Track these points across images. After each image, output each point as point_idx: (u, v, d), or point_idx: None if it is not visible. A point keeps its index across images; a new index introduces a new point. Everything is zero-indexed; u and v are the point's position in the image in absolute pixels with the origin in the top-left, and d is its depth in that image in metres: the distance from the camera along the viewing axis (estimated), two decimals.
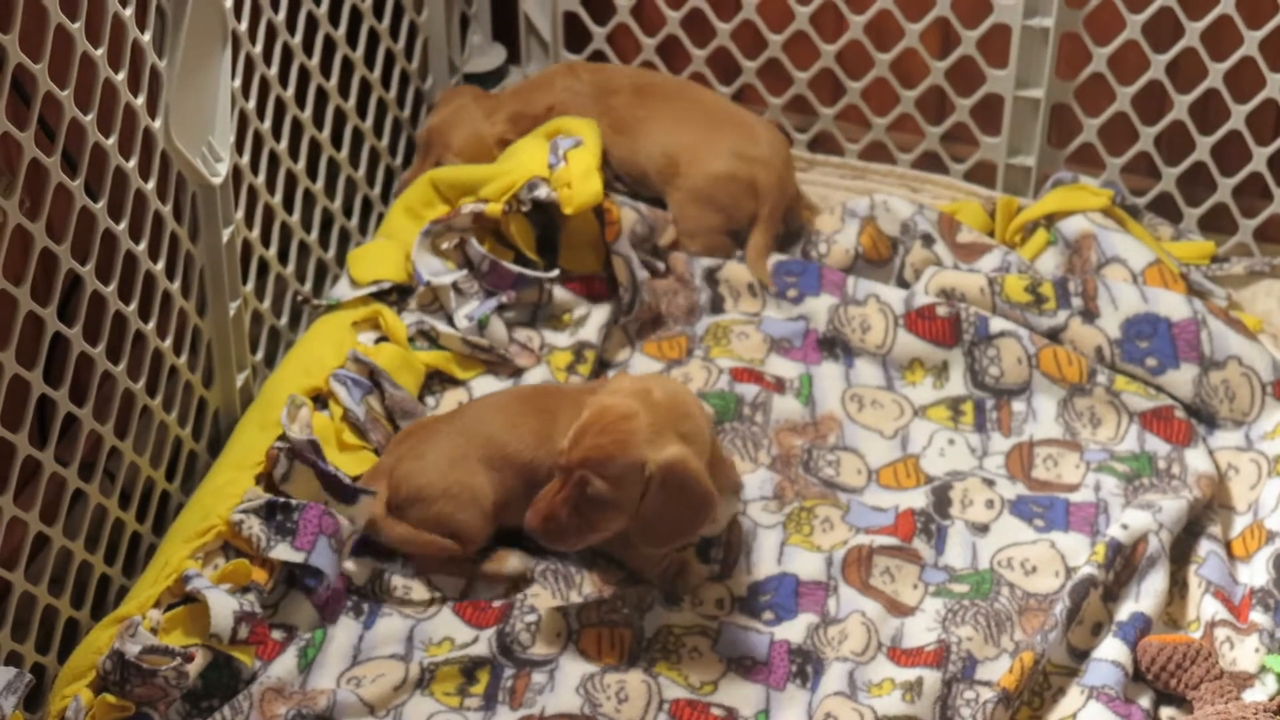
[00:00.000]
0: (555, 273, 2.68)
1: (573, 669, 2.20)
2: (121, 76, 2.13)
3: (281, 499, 2.27)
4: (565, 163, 2.67)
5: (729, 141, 2.83)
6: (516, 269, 2.65)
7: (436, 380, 2.59)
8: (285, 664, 2.18)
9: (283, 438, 2.33)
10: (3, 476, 2.02)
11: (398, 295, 2.65)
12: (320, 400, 2.44)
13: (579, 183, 2.63)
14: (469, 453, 2.32)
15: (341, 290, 2.64)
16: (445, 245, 2.66)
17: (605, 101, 2.89)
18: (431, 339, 2.60)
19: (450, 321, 2.61)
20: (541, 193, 2.65)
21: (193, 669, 2.08)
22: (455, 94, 2.96)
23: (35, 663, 2.13)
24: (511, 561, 2.32)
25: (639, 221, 2.75)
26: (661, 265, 2.77)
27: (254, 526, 2.23)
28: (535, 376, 2.59)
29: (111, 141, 2.13)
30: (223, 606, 2.12)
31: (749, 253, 2.77)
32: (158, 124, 2.23)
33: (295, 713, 2.11)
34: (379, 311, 2.59)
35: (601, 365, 2.66)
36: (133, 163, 2.19)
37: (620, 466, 2.13)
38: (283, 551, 2.23)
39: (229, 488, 2.29)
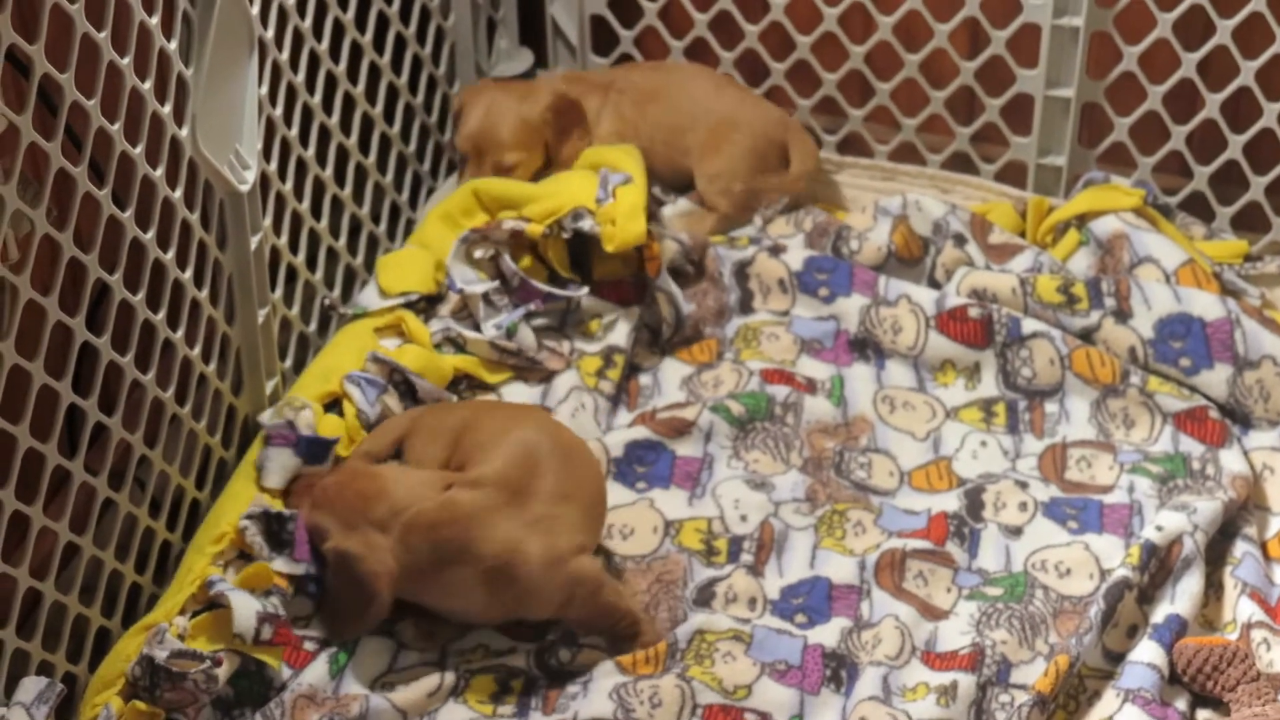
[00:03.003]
0: (585, 290, 2.66)
1: (606, 676, 2.19)
2: (148, 85, 2.13)
3: (275, 510, 2.27)
4: (613, 199, 2.65)
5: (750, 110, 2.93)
6: (547, 289, 2.64)
7: (465, 384, 2.58)
8: (317, 671, 2.17)
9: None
10: (33, 486, 2.02)
11: (425, 304, 2.65)
12: (335, 406, 2.43)
13: (624, 221, 2.61)
14: None
15: (369, 299, 2.63)
16: (479, 255, 2.66)
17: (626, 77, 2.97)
18: (458, 345, 2.59)
19: (477, 329, 2.60)
20: (585, 224, 2.63)
21: (221, 674, 2.07)
22: (478, 92, 2.93)
23: (67, 672, 2.12)
24: None
25: (680, 252, 2.74)
26: (691, 266, 2.76)
27: (256, 535, 2.23)
28: (565, 382, 2.58)
29: (139, 150, 2.13)
30: (245, 607, 2.12)
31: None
32: (185, 132, 2.22)
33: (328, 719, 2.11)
34: (403, 318, 2.58)
35: (631, 369, 2.65)
36: (160, 171, 2.18)
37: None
38: (282, 564, 2.23)
39: (241, 495, 2.30)
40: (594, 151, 2.82)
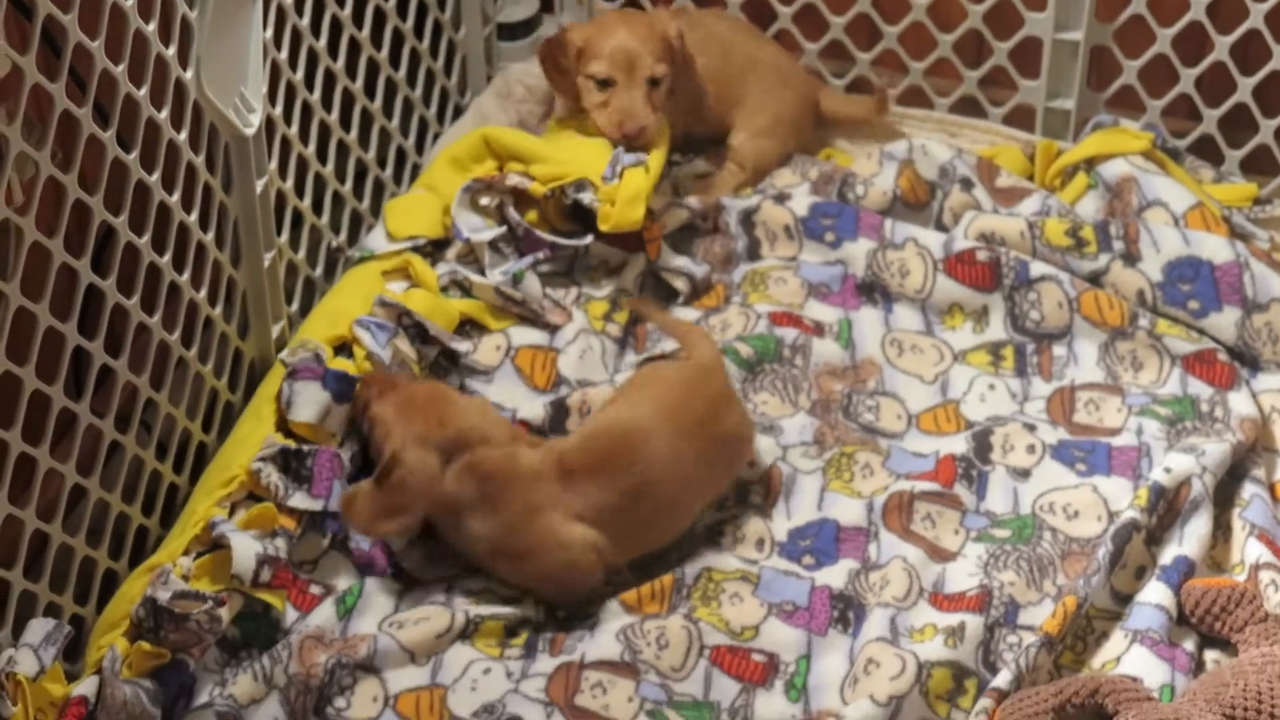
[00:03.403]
0: (589, 238, 2.64)
1: (613, 619, 2.19)
2: (152, 27, 2.12)
3: (294, 447, 2.26)
4: (619, 180, 2.62)
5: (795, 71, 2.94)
6: (551, 238, 2.62)
7: (471, 327, 2.57)
8: (324, 613, 2.18)
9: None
10: (39, 429, 2.02)
11: (432, 248, 2.64)
12: (345, 350, 2.43)
13: (623, 205, 2.57)
14: None
15: (376, 242, 2.62)
16: (485, 202, 2.65)
17: None
18: (464, 289, 2.58)
19: (483, 273, 2.60)
20: (585, 197, 2.60)
21: (225, 615, 2.08)
22: (602, 21, 2.76)
23: (74, 614, 2.13)
24: None
25: (690, 216, 2.74)
26: (697, 206, 2.75)
27: (272, 475, 2.23)
28: (573, 325, 2.57)
29: (143, 92, 2.12)
30: (245, 549, 2.12)
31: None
32: (189, 75, 2.21)
33: (335, 661, 2.11)
34: (410, 261, 2.58)
35: (637, 318, 2.64)
36: (165, 114, 2.17)
37: None
38: (301, 500, 2.23)
39: (250, 437, 2.29)
40: None
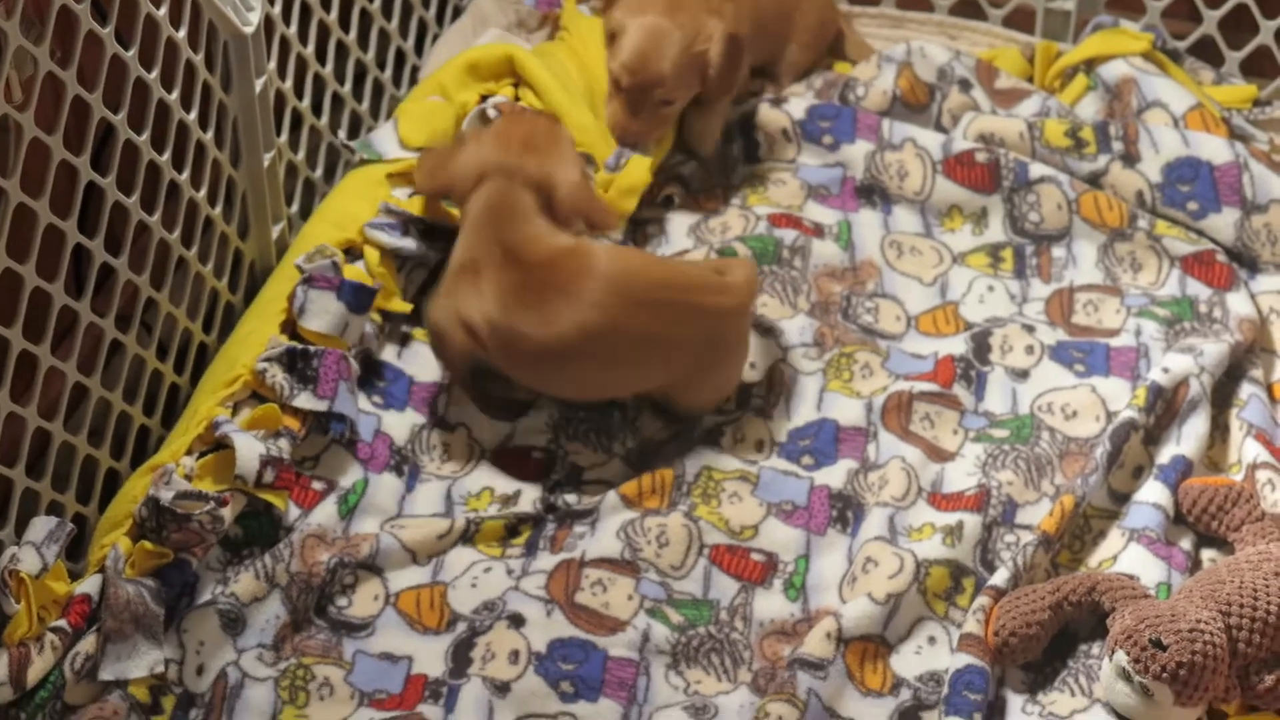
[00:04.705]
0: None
1: (614, 514, 2.20)
2: None
3: (300, 346, 2.26)
4: (619, 170, 2.58)
5: None
6: None
7: None
8: (326, 510, 2.18)
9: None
10: (40, 327, 2.02)
11: None
12: (352, 254, 2.42)
13: (616, 195, 2.55)
14: None
15: (386, 146, 2.59)
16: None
17: None
18: None
19: None
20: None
21: (228, 514, 2.09)
22: (635, 11, 2.61)
23: (76, 513, 2.13)
24: None
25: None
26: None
27: (277, 375, 2.23)
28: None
29: None
30: (249, 449, 2.13)
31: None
32: None
33: (338, 560, 2.12)
34: (414, 167, 2.56)
35: (635, 224, 2.63)
36: (163, 11, 2.17)
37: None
38: (306, 400, 2.23)
39: (254, 337, 2.29)
40: None
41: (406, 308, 2.42)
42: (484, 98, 2.64)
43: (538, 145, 2.30)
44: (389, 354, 2.40)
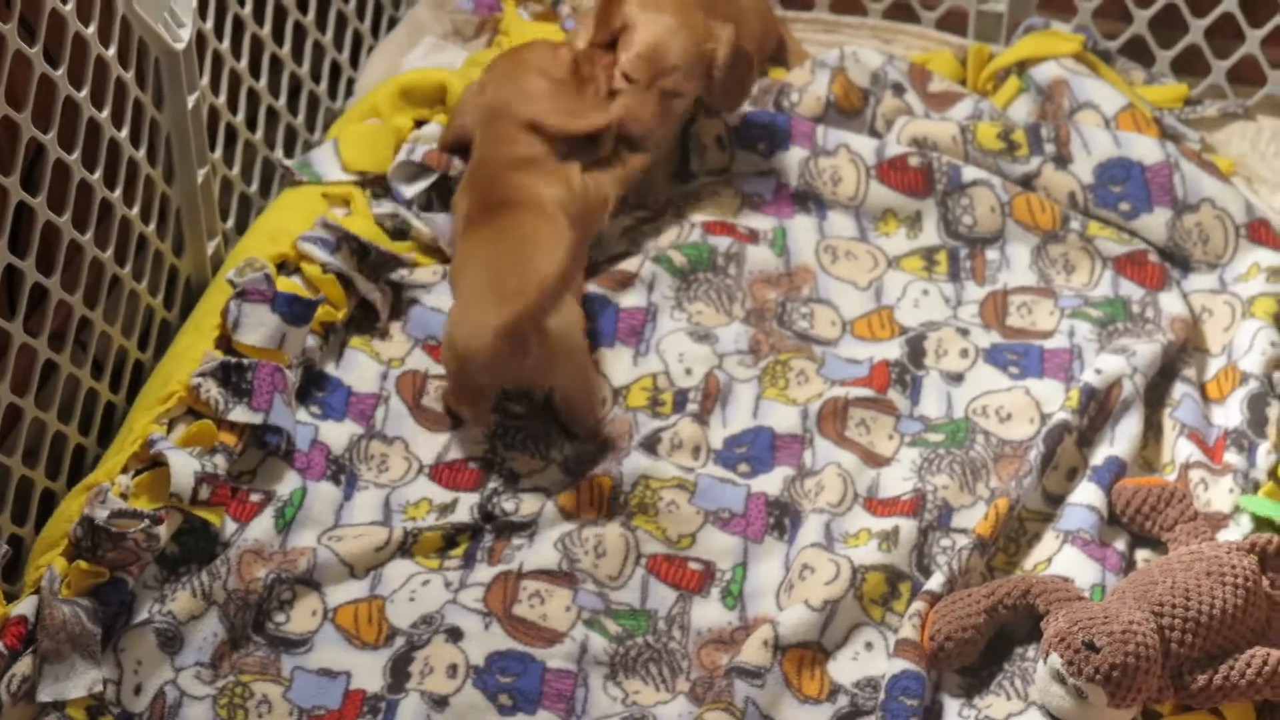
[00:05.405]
0: None
1: (551, 525, 2.21)
2: None
3: (234, 360, 2.26)
4: None
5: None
6: None
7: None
8: (263, 525, 2.18)
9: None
10: None
11: (379, 186, 2.62)
12: (286, 268, 2.43)
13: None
14: None
15: (325, 168, 2.59)
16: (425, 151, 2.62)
17: None
18: (402, 233, 2.56)
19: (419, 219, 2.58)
20: None
21: (163, 532, 2.08)
22: (647, 6, 2.59)
23: (12, 534, 2.12)
24: None
25: None
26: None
27: (212, 390, 2.23)
28: None
29: (70, 7, 2.11)
30: (183, 467, 2.13)
31: None
32: None
33: (275, 576, 2.12)
34: (351, 194, 2.56)
35: None
36: (92, 29, 2.16)
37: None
38: (241, 414, 2.23)
39: (189, 353, 2.29)
40: None
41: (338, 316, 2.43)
42: (419, 123, 2.65)
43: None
44: (328, 365, 2.40)
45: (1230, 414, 2.32)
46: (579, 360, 2.30)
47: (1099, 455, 2.26)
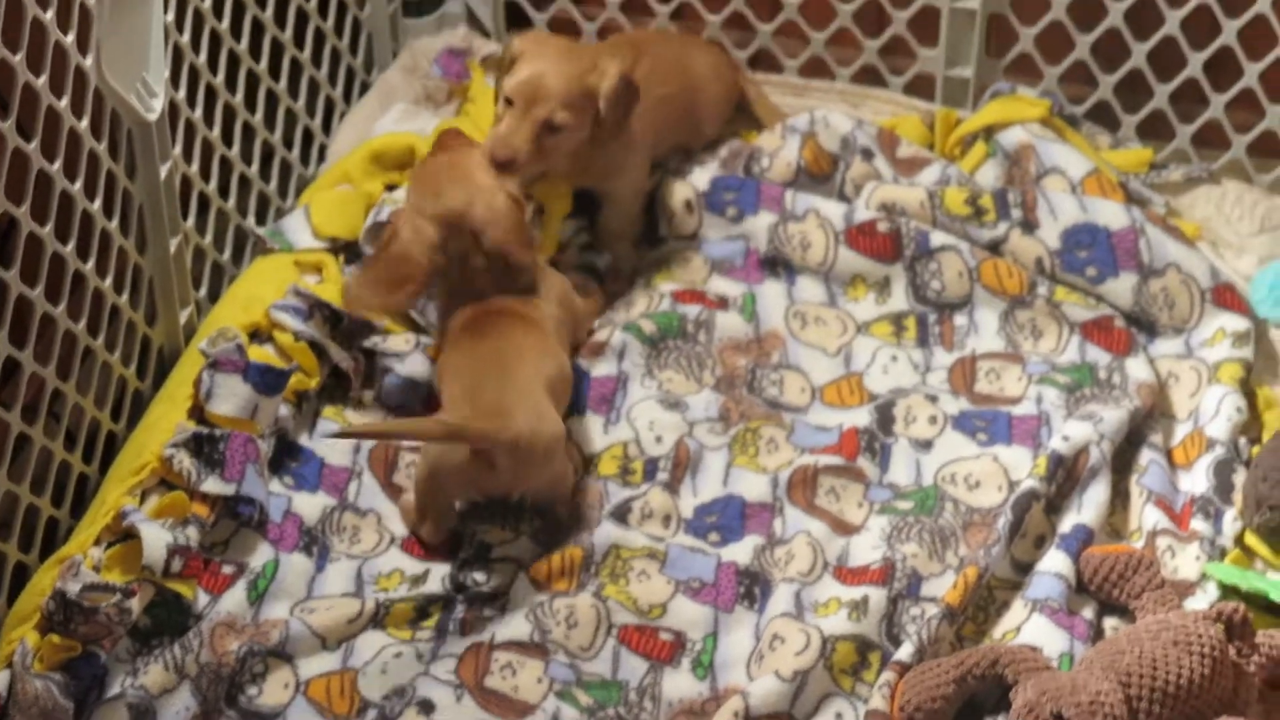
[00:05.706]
0: None
1: (523, 596, 2.22)
2: (50, 15, 2.12)
3: (206, 430, 2.27)
4: None
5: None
6: None
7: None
8: (235, 597, 2.19)
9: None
10: None
11: (351, 253, 2.63)
12: (259, 336, 2.44)
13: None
14: None
15: (298, 236, 2.61)
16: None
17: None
18: None
19: None
20: None
21: (136, 605, 2.09)
22: (538, 43, 2.60)
23: None
24: None
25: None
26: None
27: (184, 460, 2.24)
28: None
29: (42, 81, 2.12)
30: (155, 539, 2.13)
31: None
32: (89, 62, 2.22)
33: (247, 649, 2.12)
34: (324, 262, 2.58)
35: None
36: (65, 102, 2.18)
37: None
38: (214, 485, 2.24)
39: (161, 423, 2.30)
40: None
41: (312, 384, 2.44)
42: (389, 187, 2.66)
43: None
44: (302, 435, 2.41)
45: (1197, 480, 2.34)
46: (555, 469, 2.30)
47: (1067, 523, 2.28)
